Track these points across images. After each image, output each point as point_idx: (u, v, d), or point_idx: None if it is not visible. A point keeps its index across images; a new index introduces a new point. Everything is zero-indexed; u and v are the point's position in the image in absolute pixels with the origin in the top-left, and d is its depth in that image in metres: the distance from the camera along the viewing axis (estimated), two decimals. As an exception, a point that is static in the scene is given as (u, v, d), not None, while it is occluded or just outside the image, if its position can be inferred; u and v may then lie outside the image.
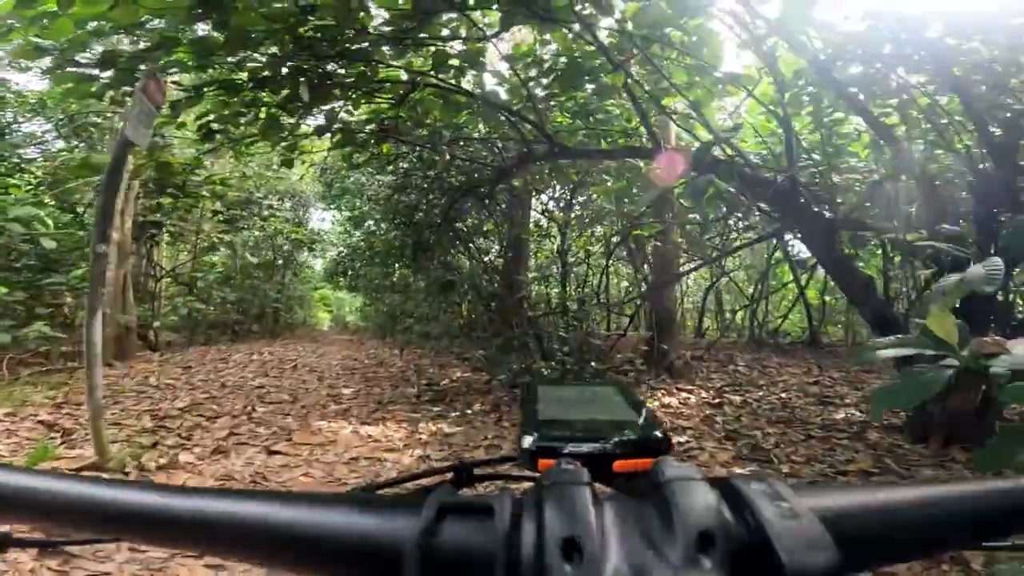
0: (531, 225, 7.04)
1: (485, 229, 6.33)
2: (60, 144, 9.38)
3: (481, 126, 4.67)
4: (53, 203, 8.61)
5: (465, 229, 5.69)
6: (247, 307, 10.10)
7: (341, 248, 12.19)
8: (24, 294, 6.79)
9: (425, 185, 5.47)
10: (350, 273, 11.87)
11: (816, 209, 3.04)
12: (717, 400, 4.50)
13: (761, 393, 4.77)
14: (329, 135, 4.17)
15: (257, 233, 10.19)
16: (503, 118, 4.10)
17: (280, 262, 11.37)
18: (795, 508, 0.25)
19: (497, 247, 7.39)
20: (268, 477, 2.53)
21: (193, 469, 2.58)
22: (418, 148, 5.04)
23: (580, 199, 7.00)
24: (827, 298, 8.57)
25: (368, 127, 4.41)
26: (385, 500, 0.29)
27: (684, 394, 4.71)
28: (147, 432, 3.07)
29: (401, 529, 0.25)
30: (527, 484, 0.38)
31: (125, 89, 3.17)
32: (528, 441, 0.45)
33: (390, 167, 5.47)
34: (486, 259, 6.24)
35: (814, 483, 2.17)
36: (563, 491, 0.26)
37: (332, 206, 10.08)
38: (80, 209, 8.60)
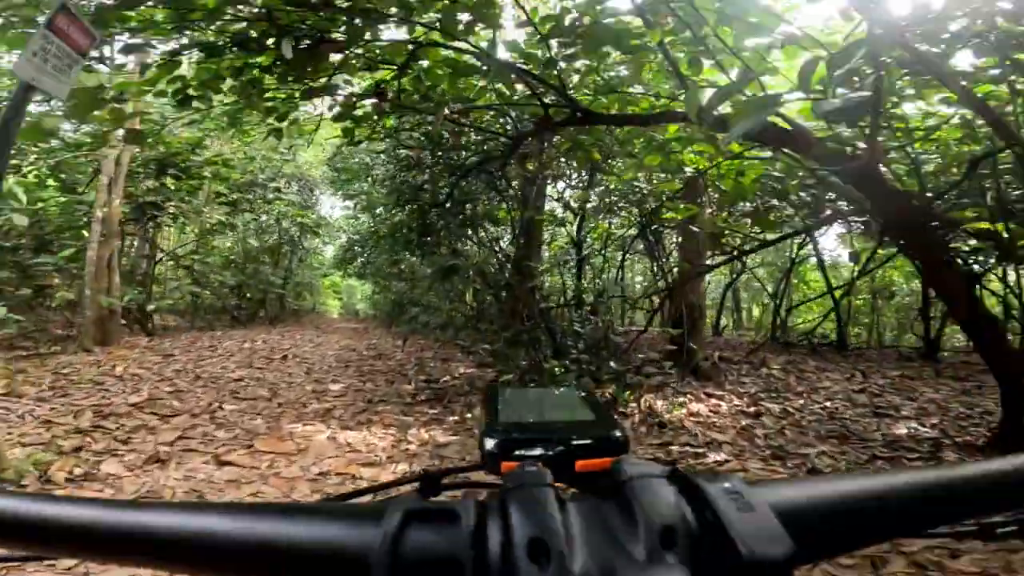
0: (545, 212, 6.43)
1: (497, 214, 5.71)
2: (67, 127, 8.94)
3: (495, 96, 4.07)
4: (54, 182, 8.23)
5: (475, 211, 5.09)
6: (249, 292, 9.60)
7: (351, 234, 11.71)
8: (10, 273, 6.39)
9: (430, 161, 4.87)
10: (359, 260, 11.42)
11: (901, 190, 2.40)
12: (753, 408, 3.90)
13: (802, 401, 4.15)
14: (326, 107, 3.63)
15: (263, 216, 9.66)
16: (519, 86, 3.50)
17: (287, 247, 10.83)
18: (750, 502, 0.25)
19: (509, 235, 6.79)
20: (205, 498, 1.95)
21: (113, 483, 2.02)
22: (423, 122, 4.45)
23: (599, 187, 6.36)
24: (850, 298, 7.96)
25: (369, 100, 3.85)
26: (350, 508, 0.27)
27: (714, 400, 4.10)
28: (79, 433, 2.52)
29: (367, 537, 0.24)
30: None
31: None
32: (490, 444, 0.43)
33: (392, 140, 4.87)
34: (496, 246, 5.61)
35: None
36: (527, 493, 0.25)
37: (340, 191, 9.50)
38: (80, 189, 8.19)
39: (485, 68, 3.45)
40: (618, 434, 0.44)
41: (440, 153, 4.82)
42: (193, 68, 3.46)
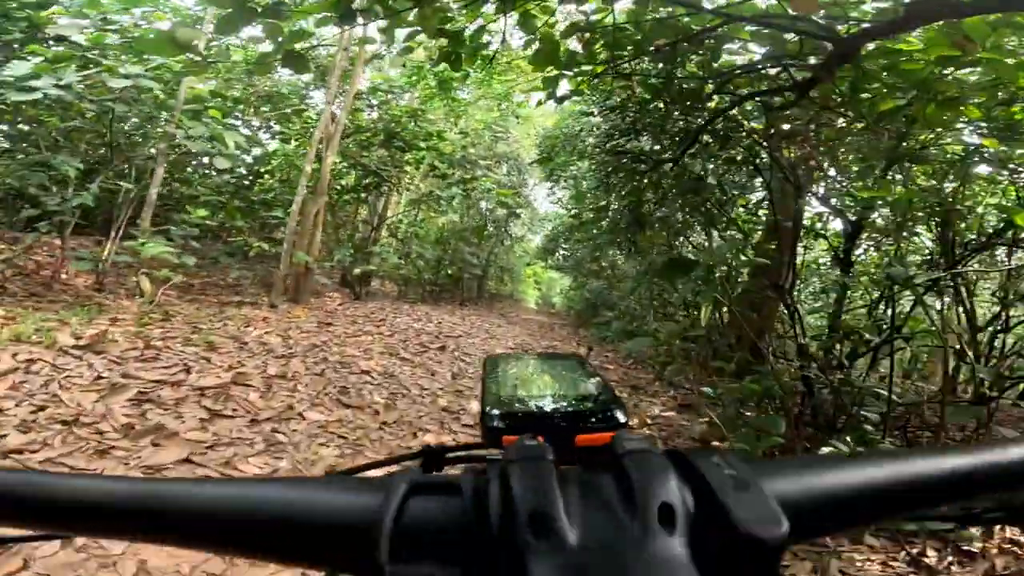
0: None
1: (752, 199, 3.81)
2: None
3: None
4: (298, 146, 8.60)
5: (722, 189, 3.31)
6: (449, 269, 9.13)
7: (556, 224, 10.74)
8: (245, 223, 6.55)
9: (653, 118, 3.24)
10: (559, 252, 10.39)
11: None
12: None
13: None
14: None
15: (473, 193, 9.05)
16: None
17: (491, 229, 10.19)
18: (745, 480, 0.24)
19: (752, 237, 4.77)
20: None
21: None
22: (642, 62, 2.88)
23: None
24: None
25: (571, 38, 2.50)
26: (356, 481, 0.26)
27: None
28: (65, 424, 1.59)
29: (371, 508, 0.23)
30: None
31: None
32: (491, 418, 0.42)
33: (603, 93, 3.36)
34: (747, 245, 3.70)
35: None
36: (527, 466, 0.24)
37: (544, 169, 8.38)
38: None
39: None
40: (618, 410, 0.43)
41: (664, 104, 3.15)
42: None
